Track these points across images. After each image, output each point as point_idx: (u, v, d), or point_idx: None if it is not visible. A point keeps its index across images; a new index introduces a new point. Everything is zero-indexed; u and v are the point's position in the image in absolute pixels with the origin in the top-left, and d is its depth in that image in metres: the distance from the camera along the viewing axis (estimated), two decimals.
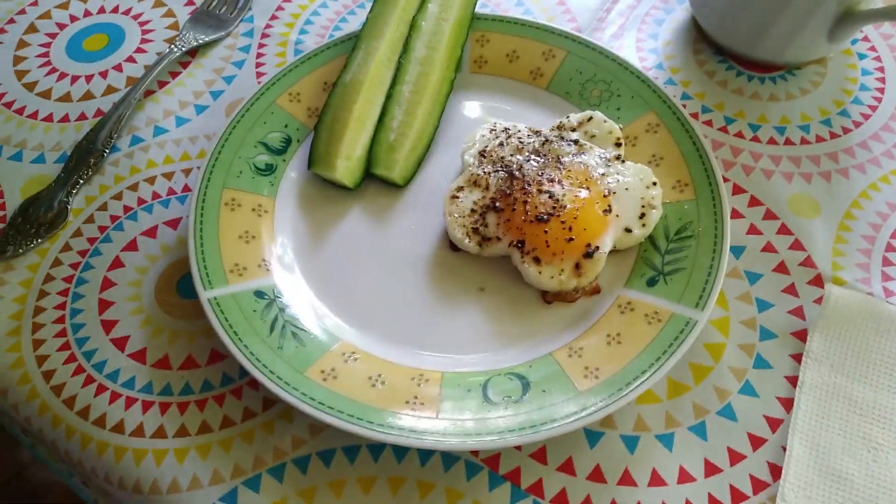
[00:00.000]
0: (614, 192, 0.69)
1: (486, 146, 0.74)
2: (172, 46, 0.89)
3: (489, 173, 0.71)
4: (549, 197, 0.67)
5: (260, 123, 0.77)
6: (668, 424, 0.62)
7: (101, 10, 0.96)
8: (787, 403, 0.63)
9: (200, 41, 0.90)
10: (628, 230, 0.68)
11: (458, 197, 0.71)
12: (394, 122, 0.76)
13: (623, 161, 0.72)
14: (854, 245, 0.72)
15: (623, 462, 0.60)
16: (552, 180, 0.69)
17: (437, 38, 0.80)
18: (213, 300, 0.64)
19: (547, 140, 0.73)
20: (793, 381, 0.64)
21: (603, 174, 0.71)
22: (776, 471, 0.60)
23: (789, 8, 0.75)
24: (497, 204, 0.69)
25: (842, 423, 0.61)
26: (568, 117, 0.76)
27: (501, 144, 0.74)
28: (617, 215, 0.68)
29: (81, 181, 0.78)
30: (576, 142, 0.73)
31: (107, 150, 0.80)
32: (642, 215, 0.69)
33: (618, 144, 0.74)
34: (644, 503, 0.58)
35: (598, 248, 0.66)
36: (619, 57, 0.80)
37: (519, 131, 0.75)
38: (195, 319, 0.69)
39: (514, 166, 0.71)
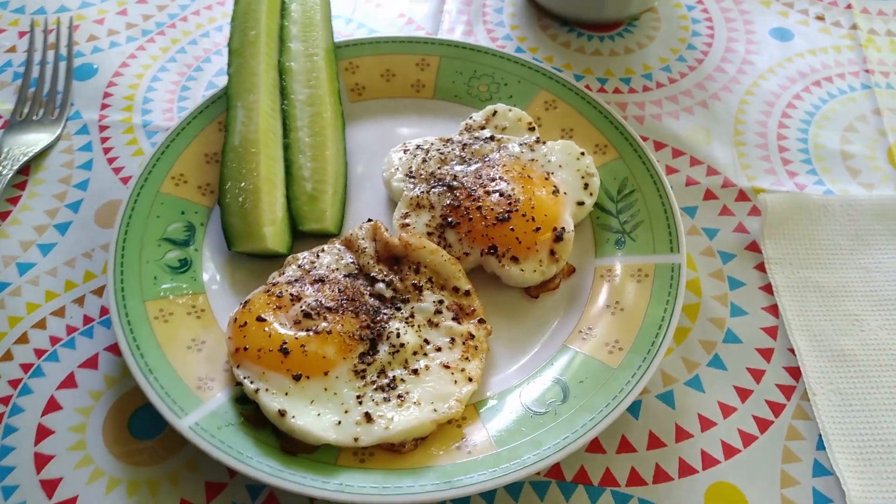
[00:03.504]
0: (552, 173, 0.69)
1: (411, 167, 0.71)
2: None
3: (427, 192, 0.68)
4: (500, 195, 0.66)
5: (153, 218, 0.67)
6: (689, 368, 0.64)
7: None
8: (773, 310, 0.67)
9: (29, 154, 0.76)
10: (580, 203, 0.68)
11: (407, 224, 0.67)
12: (303, 171, 0.70)
13: (544, 142, 0.72)
14: (754, 156, 0.78)
15: (670, 420, 0.61)
16: (493, 179, 0.67)
17: (315, 75, 0.75)
18: (196, 427, 0.55)
19: (465, 144, 0.72)
20: (767, 289, 0.68)
21: (533, 159, 0.70)
22: (793, 372, 0.63)
23: None
24: (450, 220, 0.66)
25: (823, 310, 0.67)
26: (472, 117, 0.75)
27: (424, 161, 0.71)
28: (565, 192, 0.68)
29: None
30: (492, 138, 0.72)
31: None
32: (586, 185, 0.69)
33: (531, 129, 0.74)
34: (706, 450, 0.59)
35: (563, 228, 0.66)
36: (491, 48, 0.80)
37: (432, 144, 0.73)
38: (160, 462, 0.58)
39: (449, 178, 0.68)
